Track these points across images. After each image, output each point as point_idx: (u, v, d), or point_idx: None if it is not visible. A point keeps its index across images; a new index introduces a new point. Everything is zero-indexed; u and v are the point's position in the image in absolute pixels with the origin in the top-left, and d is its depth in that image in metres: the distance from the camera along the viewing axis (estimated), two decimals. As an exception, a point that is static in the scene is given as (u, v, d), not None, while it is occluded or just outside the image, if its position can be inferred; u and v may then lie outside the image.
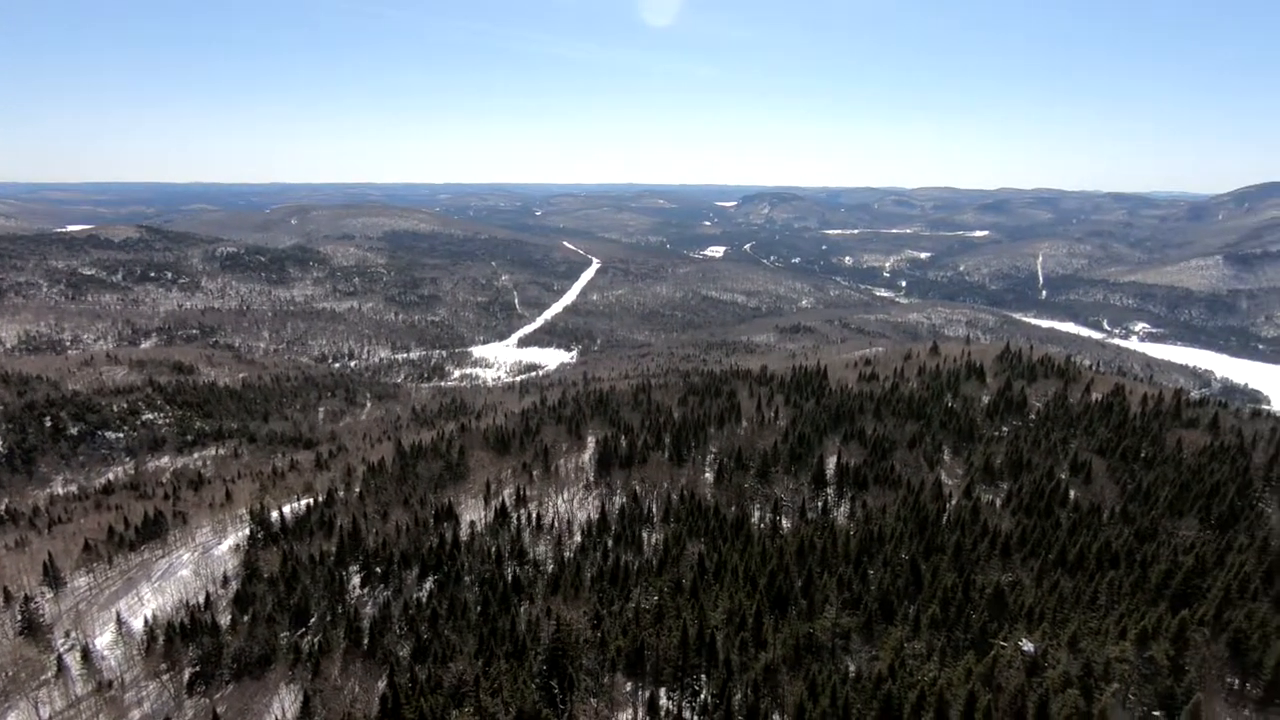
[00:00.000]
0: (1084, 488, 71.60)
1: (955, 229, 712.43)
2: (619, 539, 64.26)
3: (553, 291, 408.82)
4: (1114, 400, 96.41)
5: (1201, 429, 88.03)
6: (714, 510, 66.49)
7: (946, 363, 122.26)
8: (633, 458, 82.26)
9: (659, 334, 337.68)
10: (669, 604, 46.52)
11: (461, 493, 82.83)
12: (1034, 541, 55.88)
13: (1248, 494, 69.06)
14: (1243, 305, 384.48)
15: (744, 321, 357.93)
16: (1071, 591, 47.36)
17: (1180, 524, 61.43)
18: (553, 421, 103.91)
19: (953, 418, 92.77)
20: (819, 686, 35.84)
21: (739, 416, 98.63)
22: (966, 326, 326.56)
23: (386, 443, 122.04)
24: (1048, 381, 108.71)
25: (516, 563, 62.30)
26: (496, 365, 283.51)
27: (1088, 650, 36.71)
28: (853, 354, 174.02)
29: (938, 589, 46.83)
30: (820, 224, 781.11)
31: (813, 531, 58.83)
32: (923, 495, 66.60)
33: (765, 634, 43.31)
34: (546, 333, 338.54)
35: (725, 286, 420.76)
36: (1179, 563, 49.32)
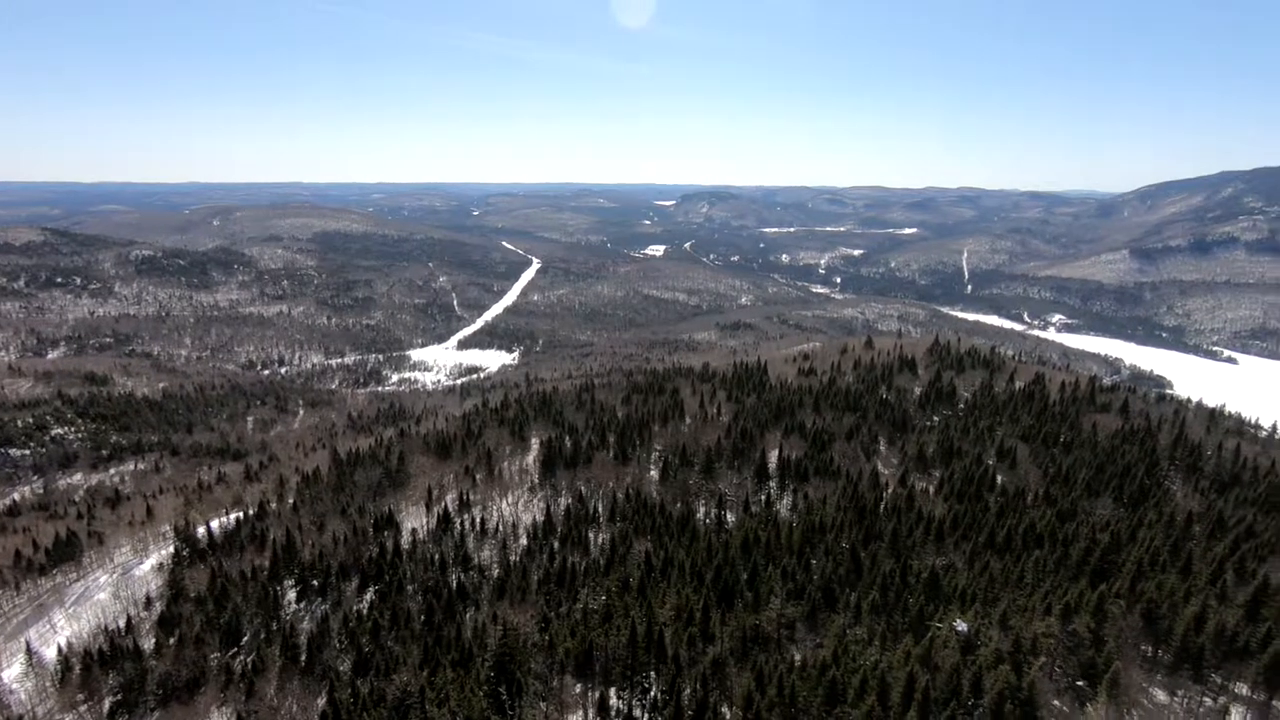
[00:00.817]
0: (1010, 472, 75.16)
1: (886, 227, 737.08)
2: (565, 540, 63.82)
3: (493, 292, 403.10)
4: (1035, 388, 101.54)
5: (1114, 413, 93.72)
6: (660, 507, 66.81)
7: (880, 356, 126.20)
8: (577, 458, 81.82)
9: (601, 333, 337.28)
10: (617, 603, 46.49)
11: (402, 500, 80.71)
12: (965, 525, 58.31)
13: (1155, 473, 73.93)
14: (1147, 296, 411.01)
15: (685, 319, 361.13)
16: (1001, 572, 49.62)
17: (1097, 503, 65.20)
18: (495, 424, 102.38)
19: (887, 409, 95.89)
20: (766, 677, 36.46)
21: (682, 413, 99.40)
22: (898, 321, 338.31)
23: (321, 451, 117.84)
24: (975, 372, 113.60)
25: (461, 569, 61.13)
26: (436, 368, 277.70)
27: (1017, 627, 38.54)
28: (791, 349, 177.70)
29: (877, 575, 48.36)
30: (757, 222, 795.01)
31: (757, 524, 59.80)
32: (861, 485, 68.65)
33: (713, 628, 43.79)
34: (487, 334, 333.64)
35: (666, 285, 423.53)
36: (1097, 540, 52.36)
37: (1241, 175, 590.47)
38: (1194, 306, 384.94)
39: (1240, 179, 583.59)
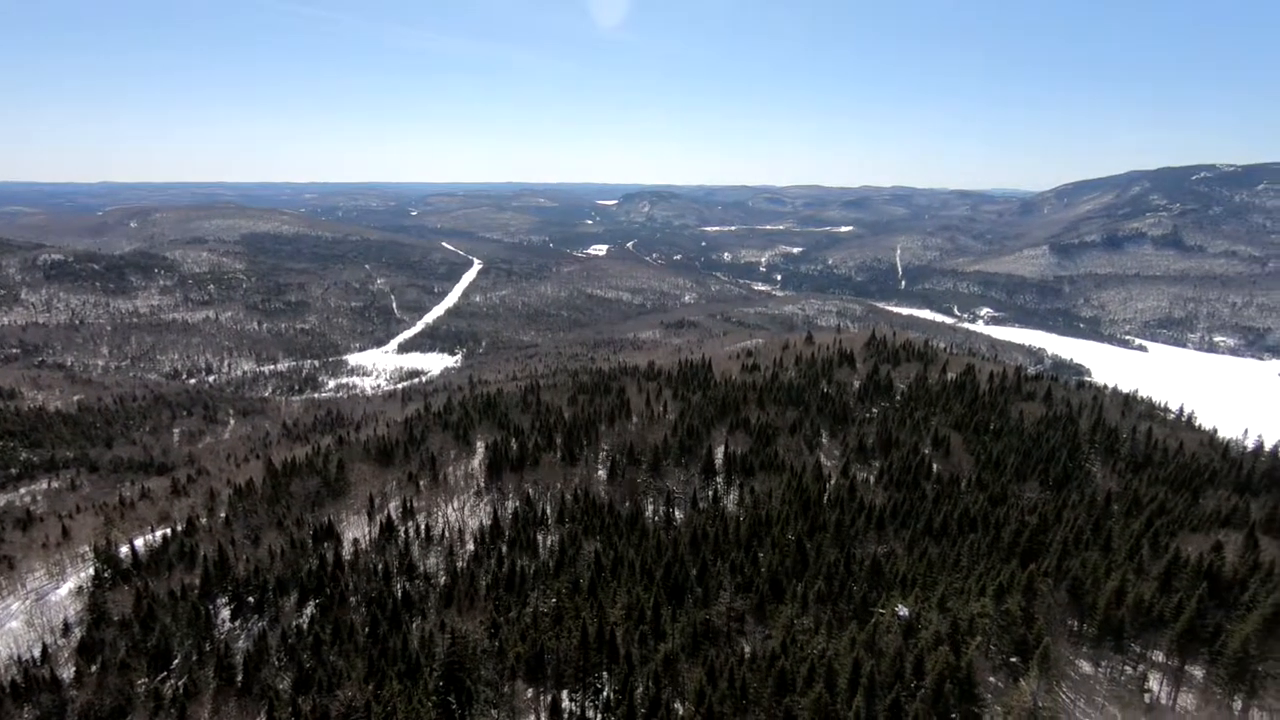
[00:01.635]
0: (944, 460, 78.11)
1: (823, 225, 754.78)
2: (513, 544, 63.08)
3: (433, 294, 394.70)
4: (966, 379, 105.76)
5: (1038, 401, 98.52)
6: (608, 507, 66.76)
7: (821, 351, 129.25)
8: (524, 460, 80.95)
9: (545, 334, 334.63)
10: (567, 605, 46.23)
11: (342, 509, 78.20)
12: (904, 513, 60.33)
13: (1077, 457, 78.10)
14: (1066, 290, 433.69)
15: (630, 318, 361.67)
16: (938, 556, 51.55)
17: (1025, 487, 68.45)
18: (439, 428, 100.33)
19: (829, 403, 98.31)
20: (717, 670, 36.87)
21: (629, 412, 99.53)
22: (837, 316, 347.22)
23: (255, 462, 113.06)
24: (910, 365, 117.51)
25: (406, 578, 59.68)
26: (375, 373, 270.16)
27: (954, 609, 40.06)
28: (735, 346, 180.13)
29: (822, 565, 49.53)
30: (699, 221, 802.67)
31: (705, 520, 60.44)
32: (805, 477, 70.09)
33: (664, 625, 44.04)
34: (428, 337, 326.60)
35: (610, 284, 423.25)
36: (1025, 522, 54.94)
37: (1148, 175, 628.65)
38: (1108, 298, 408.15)
39: (1147, 178, 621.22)
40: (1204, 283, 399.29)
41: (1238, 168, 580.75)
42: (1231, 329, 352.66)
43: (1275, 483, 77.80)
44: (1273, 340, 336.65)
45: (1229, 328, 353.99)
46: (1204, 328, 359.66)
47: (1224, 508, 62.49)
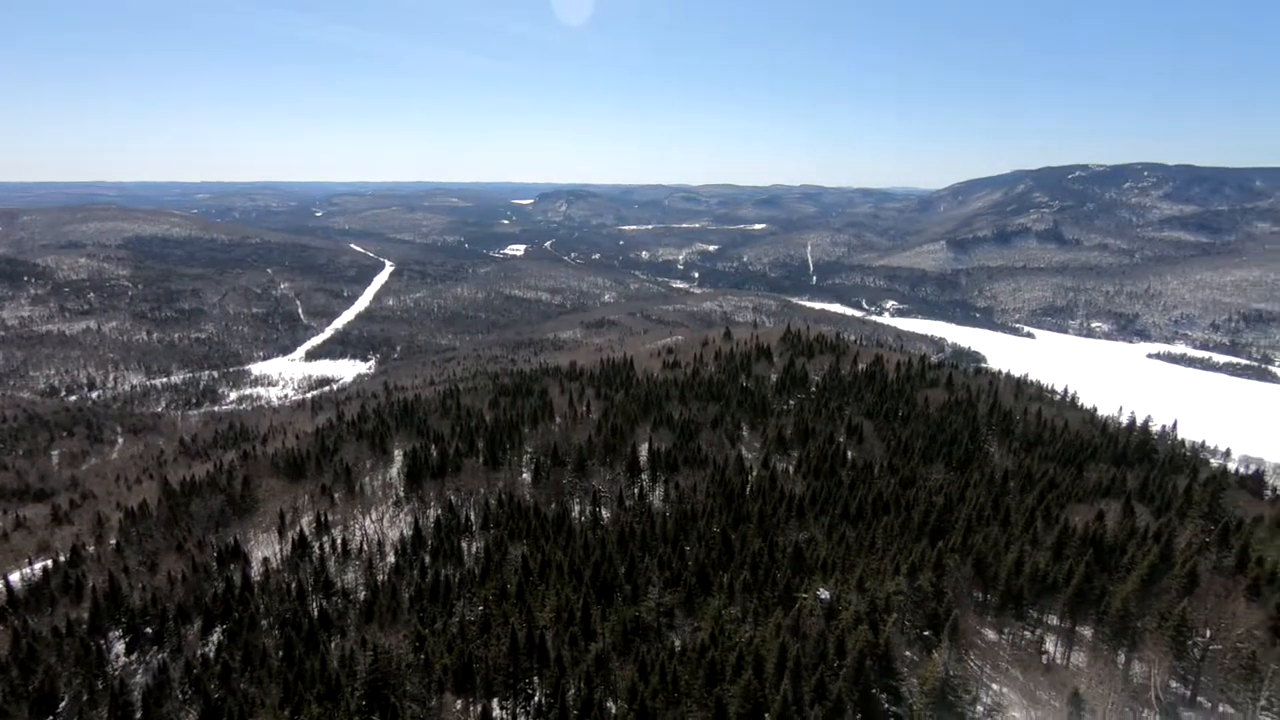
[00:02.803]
0: (858, 447, 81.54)
1: (738, 223, 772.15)
2: (437, 553, 61.40)
3: (343, 298, 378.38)
4: (876, 369, 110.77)
5: (941, 388, 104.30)
6: (534, 510, 66.03)
7: (739, 347, 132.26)
8: (445, 467, 78.92)
9: (463, 336, 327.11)
10: (495, 612, 45.43)
11: (250, 528, 73.93)
12: (823, 500, 62.59)
13: (977, 438, 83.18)
14: (962, 282, 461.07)
15: (550, 319, 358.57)
16: (855, 540, 53.76)
17: (932, 469, 72.34)
18: (353, 438, 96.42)
19: (748, 396, 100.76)
20: (649, 666, 37.14)
21: (552, 413, 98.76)
22: (753, 312, 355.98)
23: (149, 482, 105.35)
24: (824, 357, 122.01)
25: (323, 595, 57.08)
26: (282, 383, 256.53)
27: (872, 589, 41.90)
28: (656, 344, 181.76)
29: (747, 555, 50.73)
30: (616, 220, 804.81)
31: (631, 518, 60.73)
32: (727, 471, 71.65)
33: (594, 625, 43.96)
34: (339, 343, 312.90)
35: (528, 285, 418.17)
36: (933, 503, 58.08)
37: (1031, 174, 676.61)
38: (999, 289, 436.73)
39: (1030, 177, 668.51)
40: (1081, 273, 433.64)
41: (1107, 167, 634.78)
42: (1106, 315, 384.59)
43: (1147, 455, 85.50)
44: (1140, 325, 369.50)
45: (1104, 314, 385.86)
46: (1083, 315, 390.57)
47: (1104, 479, 68.21)
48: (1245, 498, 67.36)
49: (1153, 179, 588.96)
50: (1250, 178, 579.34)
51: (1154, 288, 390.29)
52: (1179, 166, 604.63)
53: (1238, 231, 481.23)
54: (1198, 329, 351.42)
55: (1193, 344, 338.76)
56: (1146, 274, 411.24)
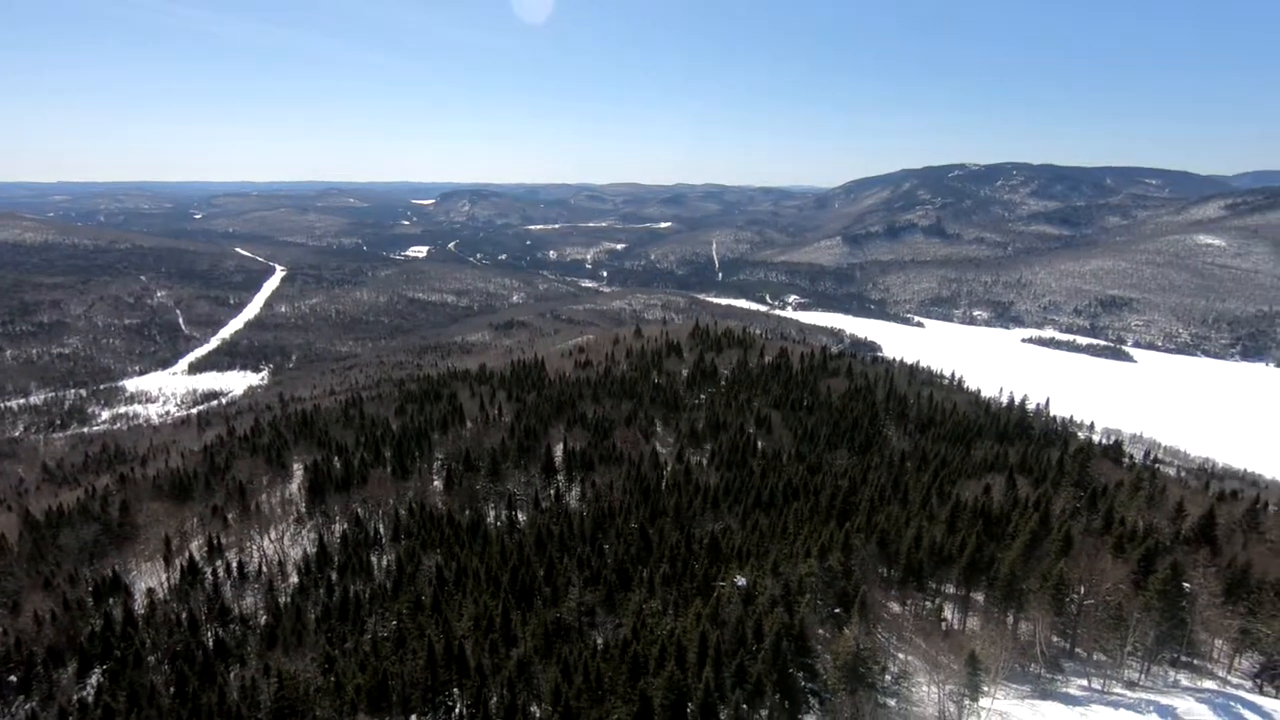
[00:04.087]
0: (767, 437, 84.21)
1: (644, 221, 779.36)
2: (344, 569, 58.60)
3: (229, 306, 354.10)
4: (781, 361, 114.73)
5: (842, 377, 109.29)
6: (447, 518, 64.21)
7: (650, 344, 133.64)
8: (350, 479, 75.39)
9: (365, 343, 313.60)
10: (410, 625, 43.87)
11: (131, 557, 67.88)
12: (736, 490, 64.22)
13: (876, 423, 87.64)
14: (857, 276, 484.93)
15: (456, 321, 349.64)
16: (768, 526, 55.47)
17: (836, 455, 75.67)
18: (247, 453, 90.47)
19: (660, 392, 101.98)
20: (572, 666, 36.91)
21: (463, 418, 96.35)
22: (662, 309, 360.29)
23: (7, 514, 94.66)
24: (732, 351, 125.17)
25: (218, 624, 53.28)
26: (162, 398, 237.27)
27: (785, 573, 43.37)
28: (567, 344, 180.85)
29: (665, 549, 51.34)
30: (522, 220, 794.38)
31: (548, 520, 60.19)
32: (643, 466, 72.25)
33: (515, 630, 43.27)
34: (226, 354, 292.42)
35: (433, 287, 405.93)
36: (839, 486, 60.75)
37: (916, 173, 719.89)
38: (891, 282, 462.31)
39: (915, 175, 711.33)
40: (963, 265, 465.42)
41: (981, 167, 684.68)
42: (985, 304, 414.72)
43: (1025, 431, 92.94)
44: (1015, 312, 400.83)
45: (983, 303, 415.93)
46: (965, 304, 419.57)
47: (990, 456, 73.64)
48: (1108, 466, 74.57)
49: (1021, 177, 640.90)
50: (1102, 176, 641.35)
51: (1025, 277, 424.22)
52: (1043, 166, 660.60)
53: (1094, 225, 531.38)
54: (1063, 314, 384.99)
55: (1060, 328, 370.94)
56: (1018, 265, 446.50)
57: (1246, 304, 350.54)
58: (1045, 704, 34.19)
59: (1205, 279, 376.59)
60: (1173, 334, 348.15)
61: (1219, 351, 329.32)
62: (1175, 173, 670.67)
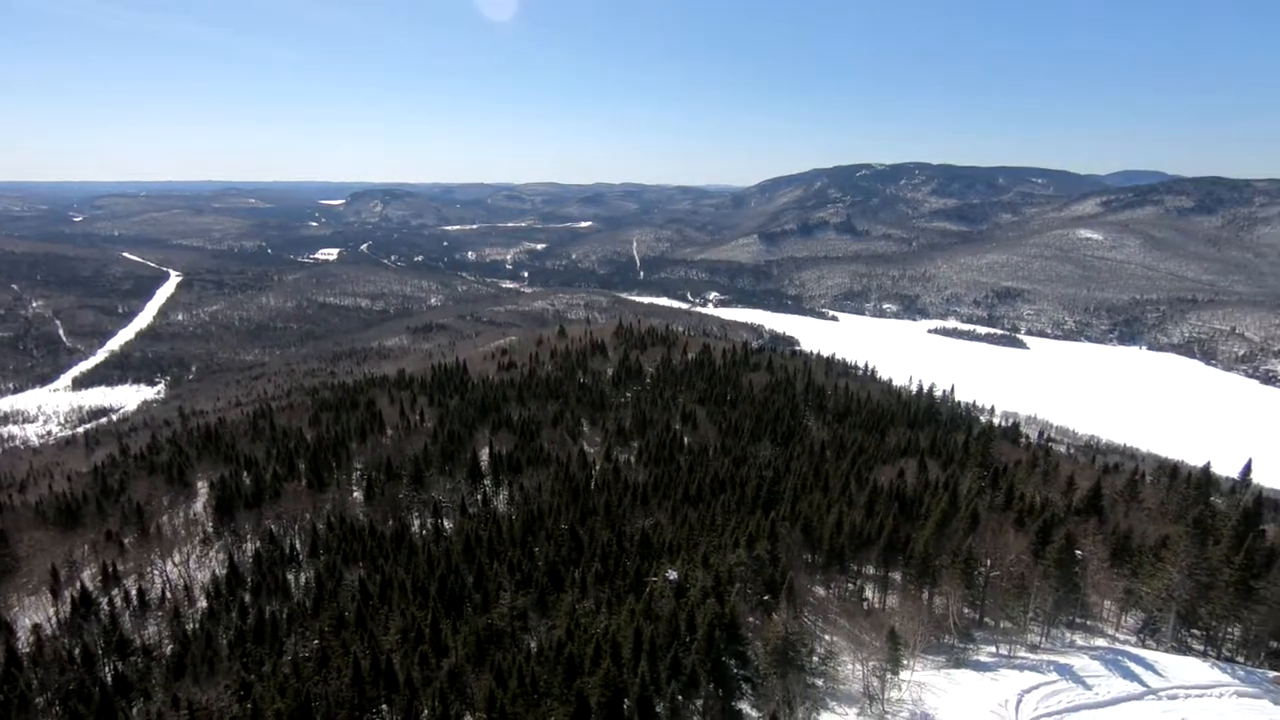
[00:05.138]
0: (693, 433, 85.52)
1: (563, 221, 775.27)
2: (259, 589, 55.66)
3: (117, 315, 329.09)
4: (704, 357, 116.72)
5: (763, 371, 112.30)
6: (369, 529, 62.05)
7: (574, 344, 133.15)
8: (262, 494, 71.60)
9: (273, 350, 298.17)
10: (333, 643, 42.13)
11: (12, 592, 62.04)
12: (664, 486, 64.93)
13: (796, 414, 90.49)
14: (774, 272, 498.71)
15: (372, 326, 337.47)
16: (697, 520, 56.35)
17: (759, 447, 77.67)
18: (144, 473, 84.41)
19: (586, 392, 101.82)
20: (506, 672, 36.39)
21: (382, 425, 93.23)
22: (585, 309, 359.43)
23: None
24: (656, 349, 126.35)
25: (117, 657, 49.50)
26: (43, 418, 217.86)
27: (715, 564, 44.23)
28: (489, 346, 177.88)
29: (596, 548, 51.35)
30: (438, 220, 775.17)
31: (476, 525, 59.09)
32: (571, 467, 71.97)
33: (445, 640, 42.27)
34: (116, 367, 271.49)
35: (345, 291, 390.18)
36: (763, 477, 62.40)
37: (827, 172, 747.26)
38: (806, 278, 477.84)
39: (826, 175, 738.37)
40: (872, 261, 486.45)
41: (886, 166, 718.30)
42: (894, 298, 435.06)
43: (933, 417, 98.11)
44: (921, 305, 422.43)
45: (892, 297, 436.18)
46: (875, 298, 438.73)
47: (902, 441, 77.41)
48: (1008, 446, 79.89)
49: (922, 177, 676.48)
50: (994, 175, 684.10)
51: (929, 272, 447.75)
52: (941, 166, 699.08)
53: (988, 221, 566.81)
54: (964, 306, 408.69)
55: (961, 319, 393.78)
56: (922, 260, 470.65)
57: (1121, 293, 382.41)
58: (959, 672, 36.31)
59: (1086, 270, 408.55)
60: (1060, 321, 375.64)
61: (1099, 336, 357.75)
62: (1057, 172, 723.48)
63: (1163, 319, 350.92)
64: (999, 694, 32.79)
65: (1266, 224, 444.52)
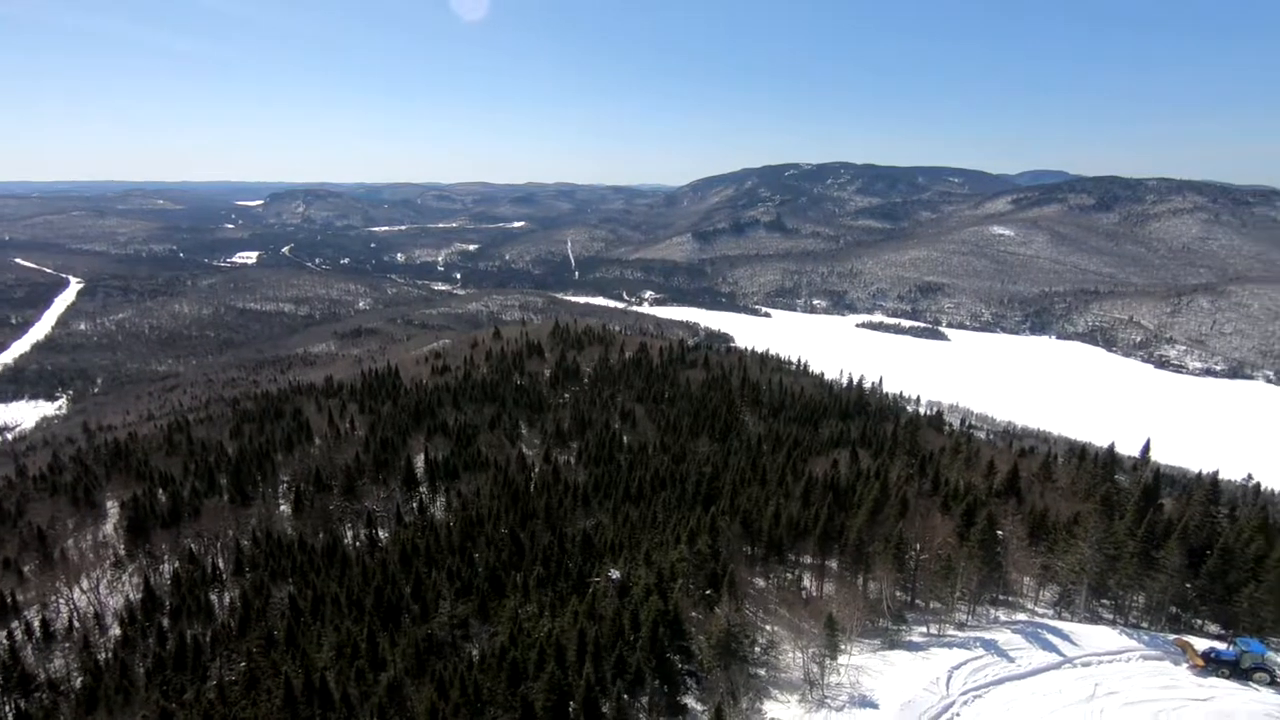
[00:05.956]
0: (632, 431, 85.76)
1: (496, 221, 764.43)
2: (178, 613, 52.62)
3: (10, 326, 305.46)
4: (641, 356, 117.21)
5: (699, 368, 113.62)
6: (299, 543, 59.53)
7: (510, 345, 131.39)
8: (180, 512, 67.71)
9: (188, 360, 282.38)
10: (263, 664, 40.29)
11: (-108, 631, 56.71)
12: (605, 485, 64.86)
13: (733, 410, 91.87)
14: (708, 271, 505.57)
15: (296, 332, 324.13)
16: (639, 518, 56.54)
17: (698, 443, 78.53)
18: (45, 494, 78.59)
19: (523, 394, 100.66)
20: (447, 682, 35.60)
21: (310, 435, 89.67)
22: (520, 310, 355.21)
23: None
24: (593, 348, 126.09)
25: (19, 694, 45.89)
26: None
27: (658, 561, 44.46)
28: (422, 349, 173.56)
29: (537, 551, 50.84)
30: (365, 221, 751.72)
31: (413, 534, 57.55)
32: (510, 470, 71.03)
33: (383, 653, 40.99)
34: (10, 382, 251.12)
35: (267, 296, 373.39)
36: (703, 473, 63.10)
37: (757, 171, 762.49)
38: (739, 275, 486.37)
39: (756, 174, 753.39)
40: (802, 258, 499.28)
41: (813, 165, 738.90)
42: (823, 294, 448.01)
43: (863, 408, 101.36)
44: (849, 300, 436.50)
45: (822, 293, 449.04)
46: (806, 294, 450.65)
47: (835, 433, 79.80)
48: (933, 434, 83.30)
49: (847, 175, 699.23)
50: (914, 175, 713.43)
51: (856, 268, 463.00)
52: (865, 165, 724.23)
53: (910, 219, 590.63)
54: (889, 300, 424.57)
55: (887, 313, 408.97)
56: (849, 257, 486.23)
57: (1031, 286, 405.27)
58: (893, 653, 37.69)
59: (1000, 265, 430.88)
60: (978, 314, 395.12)
61: (1013, 327, 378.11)
62: (972, 171, 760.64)
63: (1069, 310, 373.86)
64: (931, 672, 34.19)
65: (1157, 220, 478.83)
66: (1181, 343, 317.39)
